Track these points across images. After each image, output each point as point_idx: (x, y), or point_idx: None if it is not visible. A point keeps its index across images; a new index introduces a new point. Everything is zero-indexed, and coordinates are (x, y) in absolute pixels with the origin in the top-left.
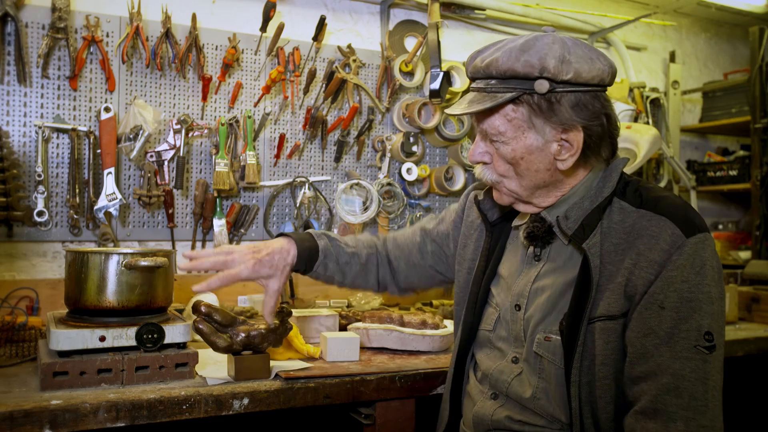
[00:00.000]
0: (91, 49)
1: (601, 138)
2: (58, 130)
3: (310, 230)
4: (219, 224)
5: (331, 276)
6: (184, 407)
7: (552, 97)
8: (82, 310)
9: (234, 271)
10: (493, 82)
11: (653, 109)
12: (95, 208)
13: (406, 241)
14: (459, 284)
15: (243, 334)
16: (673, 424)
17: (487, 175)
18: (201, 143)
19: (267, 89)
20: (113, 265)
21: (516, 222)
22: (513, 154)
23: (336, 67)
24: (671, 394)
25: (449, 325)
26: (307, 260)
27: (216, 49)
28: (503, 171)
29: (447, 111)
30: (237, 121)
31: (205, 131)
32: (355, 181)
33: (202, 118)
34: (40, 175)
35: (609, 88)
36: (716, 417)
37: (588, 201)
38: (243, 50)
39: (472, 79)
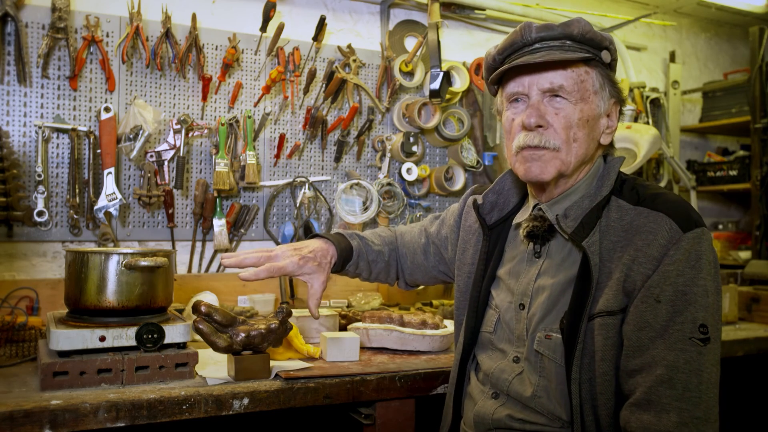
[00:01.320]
0: (91, 49)
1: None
2: (58, 130)
3: (339, 231)
4: (219, 224)
5: (360, 273)
6: (184, 407)
7: (610, 70)
8: (82, 310)
9: (280, 264)
10: (568, 42)
11: (653, 109)
12: (95, 208)
13: (412, 240)
14: (459, 288)
15: (243, 334)
16: (666, 415)
17: (549, 139)
18: (201, 143)
19: (267, 89)
20: (113, 265)
21: (517, 219)
22: (580, 116)
23: (336, 67)
24: (665, 386)
25: (449, 325)
26: (343, 261)
27: (216, 49)
28: (565, 136)
29: (517, 62)
30: (237, 121)
31: (205, 131)
32: (355, 181)
33: (202, 118)
34: (40, 175)
35: None
36: (710, 409)
37: (587, 200)
38: (243, 50)
39: (537, 41)
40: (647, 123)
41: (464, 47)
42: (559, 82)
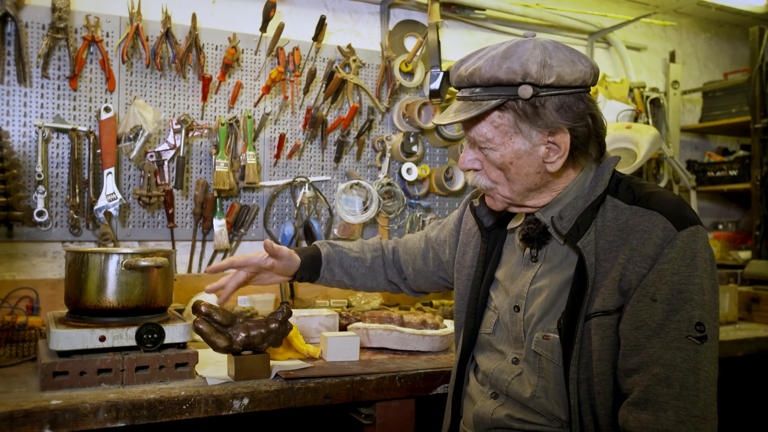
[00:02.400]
0: (91, 49)
1: (587, 138)
2: (58, 130)
3: (315, 242)
4: (219, 224)
5: (340, 280)
6: (184, 407)
7: (536, 101)
8: (82, 310)
9: (248, 255)
10: (477, 90)
11: (653, 109)
12: (95, 208)
13: (414, 246)
14: (459, 291)
15: (243, 334)
16: (663, 414)
17: (480, 181)
18: (201, 143)
19: (267, 89)
20: (113, 265)
21: (511, 225)
22: (502, 160)
23: (336, 67)
24: (662, 385)
25: (449, 325)
26: (310, 268)
27: (216, 49)
28: (495, 177)
29: (434, 121)
30: (237, 121)
31: (205, 131)
32: (355, 181)
33: (202, 118)
34: (40, 175)
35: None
36: (708, 407)
37: (581, 200)
38: (243, 50)
39: (458, 88)
40: (647, 123)
41: (464, 47)
42: (474, 134)
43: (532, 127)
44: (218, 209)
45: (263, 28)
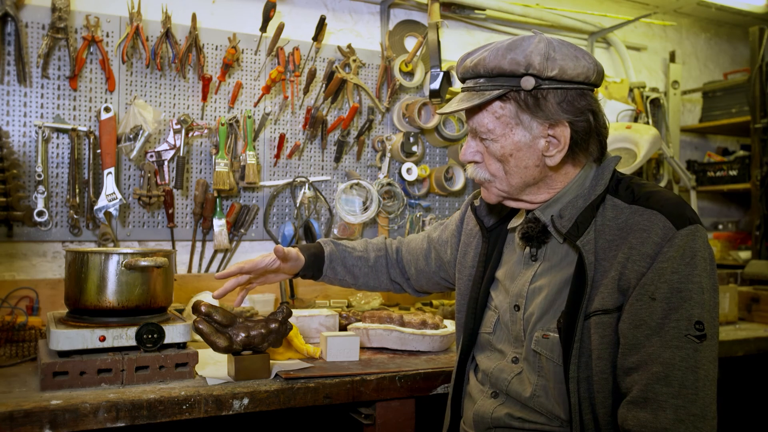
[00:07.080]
0: (91, 49)
1: (588, 134)
2: (58, 130)
3: (320, 239)
4: (219, 224)
5: (342, 278)
6: (184, 407)
7: (538, 93)
8: (82, 310)
9: (255, 260)
10: (481, 81)
11: (653, 109)
12: (95, 208)
13: (416, 246)
14: (460, 291)
15: (243, 334)
16: (662, 413)
17: (479, 173)
18: (201, 143)
19: (267, 89)
20: (113, 265)
21: (512, 224)
22: (502, 151)
23: (336, 67)
24: (661, 383)
25: (449, 325)
26: (313, 266)
27: (216, 49)
28: (494, 170)
29: (438, 111)
30: (237, 121)
31: (205, 131)
32: (355, 181)
33: (202, 118)
34: (40, 175)
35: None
36: (707, 406)
37: (581, 199)
38: (243, 50)
39: (463, 80)
40: (647, 123)
41: (464, 47)
42: (476, 124)
43: (533, 118)
44: (218, 209)
45: (263, 28)
